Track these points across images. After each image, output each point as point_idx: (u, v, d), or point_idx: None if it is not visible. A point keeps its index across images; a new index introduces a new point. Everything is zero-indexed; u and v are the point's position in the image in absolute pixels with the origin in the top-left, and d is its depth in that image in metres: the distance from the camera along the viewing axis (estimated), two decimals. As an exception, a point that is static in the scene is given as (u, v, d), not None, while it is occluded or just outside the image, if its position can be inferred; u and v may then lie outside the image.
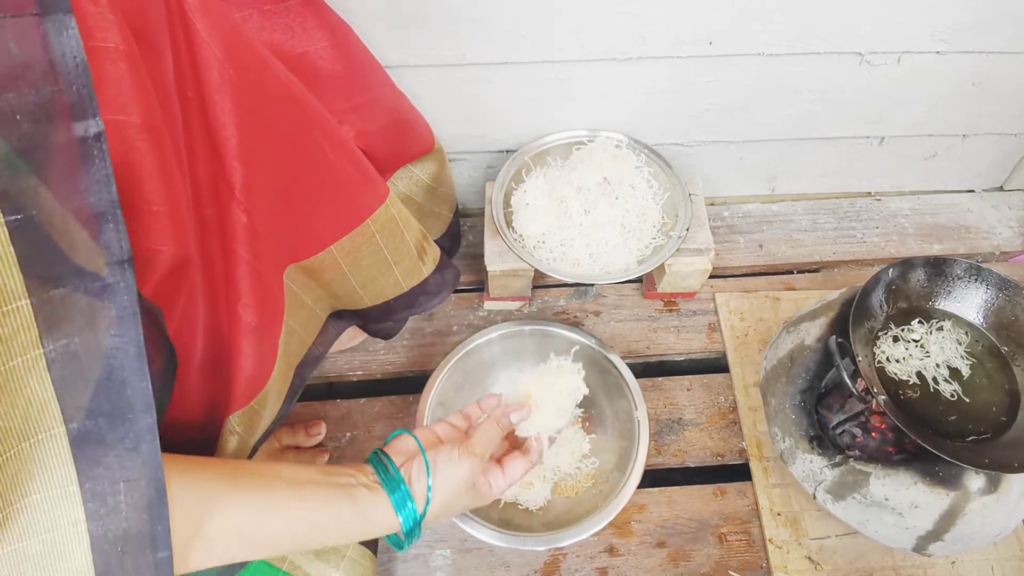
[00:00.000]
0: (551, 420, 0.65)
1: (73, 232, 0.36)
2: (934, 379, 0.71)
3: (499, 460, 0.64)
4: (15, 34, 0.32)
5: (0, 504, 0.37)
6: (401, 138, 0.76)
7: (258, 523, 0.50)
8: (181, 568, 0.46)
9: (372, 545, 0.72)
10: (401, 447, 0.60)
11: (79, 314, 0.37)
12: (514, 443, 0.68)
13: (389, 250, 0.70)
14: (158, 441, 0.41)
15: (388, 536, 0.58)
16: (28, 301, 0.35)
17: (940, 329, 0.74)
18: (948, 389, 0.70)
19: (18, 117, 0.31)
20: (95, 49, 0.39)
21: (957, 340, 0.74)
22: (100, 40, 0.39)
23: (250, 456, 0.63)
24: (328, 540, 0.56)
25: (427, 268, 0.77)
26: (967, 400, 0.70)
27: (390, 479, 0.56)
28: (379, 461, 0.58)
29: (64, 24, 0.34)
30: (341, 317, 0.79)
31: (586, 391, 0.67)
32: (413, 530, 0.56)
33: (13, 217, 0.33)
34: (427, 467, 0.57)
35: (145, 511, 0.42)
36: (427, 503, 0.56)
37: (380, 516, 0.55)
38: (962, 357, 0.72)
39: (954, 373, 0.72)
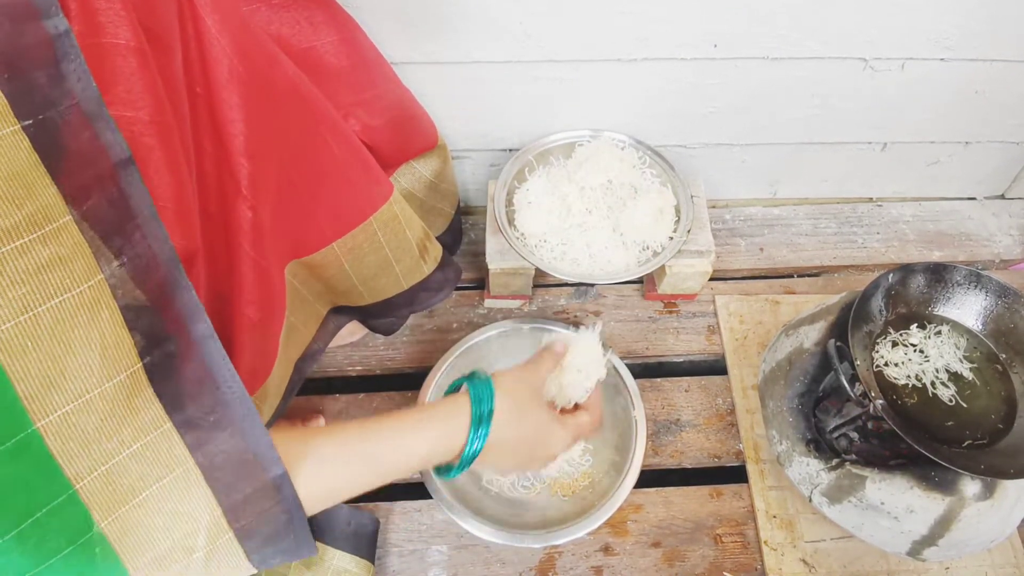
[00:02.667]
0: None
1: (78, 135, 0.33)
2: (932, 383, 0.71)
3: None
4: None
5: (94, 460, 0.36)
6: (405, 133, 0.76)
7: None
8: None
9: (370, 555, 0.72)
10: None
11: (113, 228, 0.35)
12: None
13: (391, 248, 0.70)
14: (219, 344, 0.40)
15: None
16: (71, 217, 0.33)
17: (939, 334, 0.74)
18: (946, 393, 0.70)
19: None
20: (106, 46, 0.39)
21: (955, 345, 0.74)
22: (111, 36, 0.39)
23: None
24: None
25: (428, 267, 0.77)
26: (965, 405, 0.70)
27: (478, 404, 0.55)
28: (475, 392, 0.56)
29: None
30: (341, 312, 0.79)
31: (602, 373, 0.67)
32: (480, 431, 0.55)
33: (26, 122, 0.31)
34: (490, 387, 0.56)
35: (239, 427, 0.41)
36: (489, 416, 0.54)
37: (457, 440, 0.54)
38: (961, 361, 0.73)
39: (952, 377, 0.72)
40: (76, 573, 0.36)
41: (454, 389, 0.59)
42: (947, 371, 0.72)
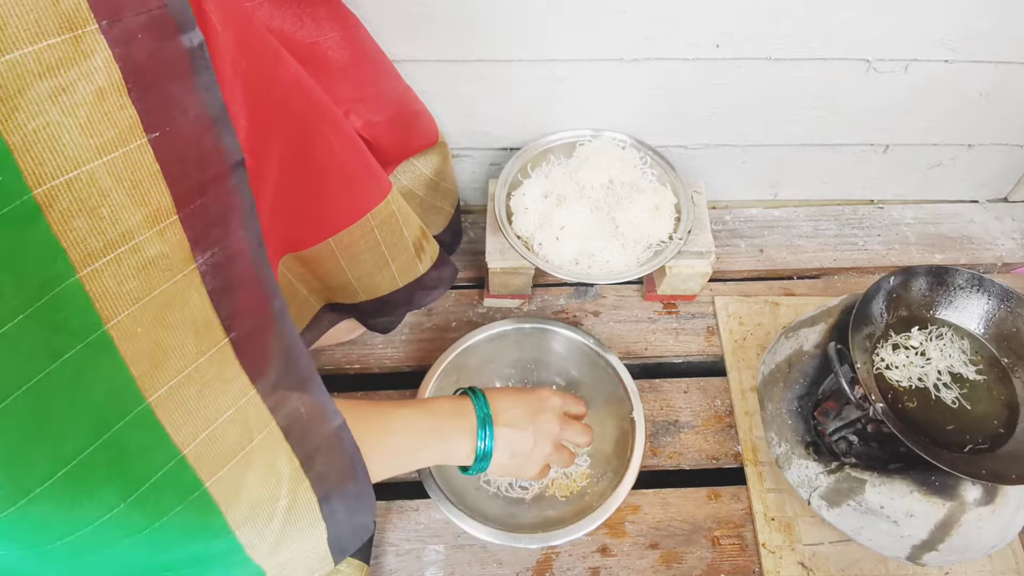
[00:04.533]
0: None
1: (201, 140, 0.37)
2: (935, 385, 0.71)
3: None
4: None
5: (197, 427, 0.40)
6: (406, 130, 0.75)
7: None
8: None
9: (365, 555, 0.72)
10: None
11: (215, 222, 0.38)
12: None
13: (387, 246, 0.70)
14: (289, 315, 0.45)
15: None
16: (177, 216, 0.36)
17: (940, 336, 0.73)
18: (949, 396, 0.70)
19: (139, 36, 0.32)
20: None
21: (959, 348, 0.73)
22: None
23: None
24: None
25: (424, 265, 0.77)
26: (968, 407, 0.69)
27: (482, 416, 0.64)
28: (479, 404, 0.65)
29: None
30: (336, 310, 0.79)
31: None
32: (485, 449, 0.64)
33: (153, 134, 0.34)
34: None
35: (307, 387, 0.48)
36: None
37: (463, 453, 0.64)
38: (966, 364, 0.72)
39: (955, 379, 0.71)
40: (184, 527, 0.41)
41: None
42: (950, 373, 0.72)
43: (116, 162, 0.33)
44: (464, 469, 0.66)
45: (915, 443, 0.61)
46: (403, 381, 0.89)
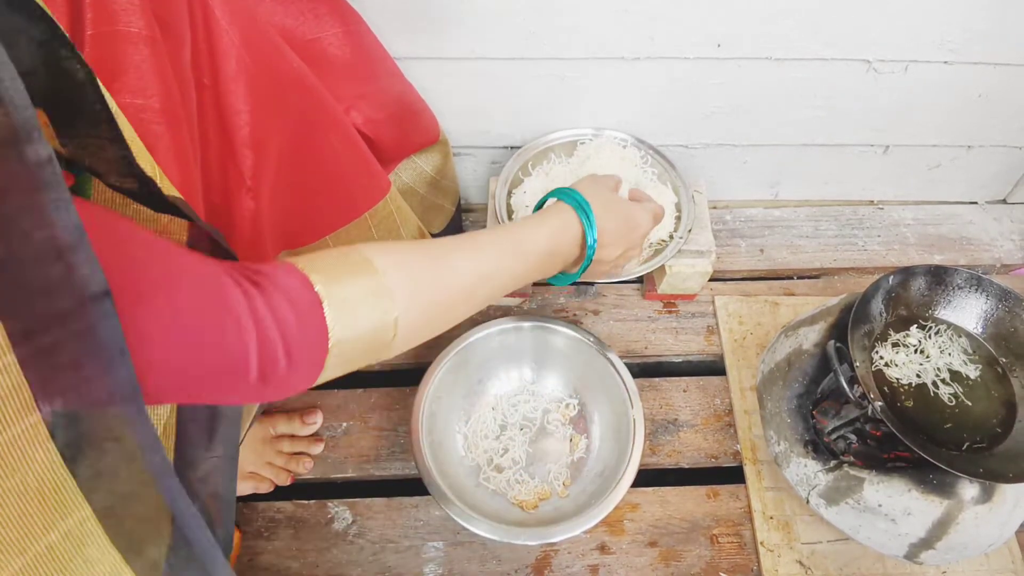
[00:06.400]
0: None
1: (48, 270, 0.30)
2: (934, 383, 0.71)
3: None
4: None
5: None
6: (407, 127, 0.76)
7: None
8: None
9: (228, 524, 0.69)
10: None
11: (67, 364, 0.31)
12: None
13: None
14: (178, 481, 0.37)
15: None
16: (14, 358, 0.29)
17: (938, 334, 0.74)
18: (947, 392, 0.70)
19: None
20: (120, 34, 0.39)
21: (960, 347, 0.74)
22: (125, 25, 0.40)
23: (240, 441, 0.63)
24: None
25: None
26: (968, 403, 0.70)
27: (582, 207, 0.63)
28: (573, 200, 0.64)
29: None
30: None
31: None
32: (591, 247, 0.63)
33: None
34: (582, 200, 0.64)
35: (204, 567, 0.39)
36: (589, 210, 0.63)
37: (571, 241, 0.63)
38: (965, 364, 0.72)
39: (954, 376, 0.72)
40: None
41: (539, 206, 0.69)
42: (949, 370, 0.72)
43: None
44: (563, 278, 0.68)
45: (913, 442, 0.61)
46: (403, 379, 0.89)
